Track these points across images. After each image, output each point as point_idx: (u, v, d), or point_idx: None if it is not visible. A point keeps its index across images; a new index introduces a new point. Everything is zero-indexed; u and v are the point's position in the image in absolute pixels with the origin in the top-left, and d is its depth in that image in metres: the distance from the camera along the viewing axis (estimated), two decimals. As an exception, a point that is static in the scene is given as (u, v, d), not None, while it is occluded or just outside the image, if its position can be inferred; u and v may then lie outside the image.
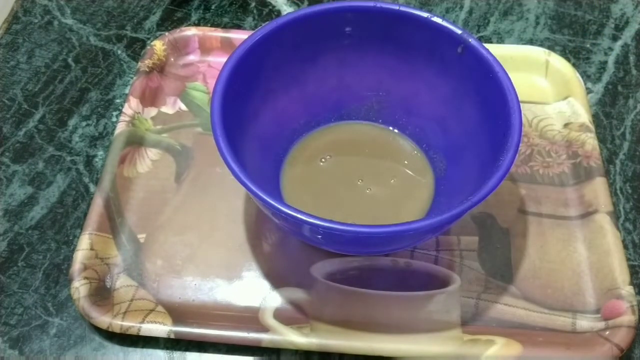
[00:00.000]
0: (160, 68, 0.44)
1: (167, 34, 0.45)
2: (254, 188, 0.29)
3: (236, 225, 0.37)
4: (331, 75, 0.38)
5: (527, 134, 0.42)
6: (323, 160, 0.39)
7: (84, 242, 0.35)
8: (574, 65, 0.45)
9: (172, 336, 0.33)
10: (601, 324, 0.34)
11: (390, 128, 0.40)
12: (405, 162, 0.39)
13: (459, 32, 0.34)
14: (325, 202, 0.37)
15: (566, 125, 0.42)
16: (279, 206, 0.28)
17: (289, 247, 0.37)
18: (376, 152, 0.40)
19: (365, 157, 0.40)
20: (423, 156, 0.39)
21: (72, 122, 0.43)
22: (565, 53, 0.47)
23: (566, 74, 0.44)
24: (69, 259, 0.36)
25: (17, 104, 0.44)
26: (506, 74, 0.32)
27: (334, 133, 0.40)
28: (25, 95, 0.44)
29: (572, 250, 0.37)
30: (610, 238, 0.36)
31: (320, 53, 0.37)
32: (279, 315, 0.34)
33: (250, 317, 0.34)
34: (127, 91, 0.44)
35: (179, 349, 0.34)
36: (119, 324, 0.33)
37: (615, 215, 0.37)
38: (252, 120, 0.35)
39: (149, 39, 0.48)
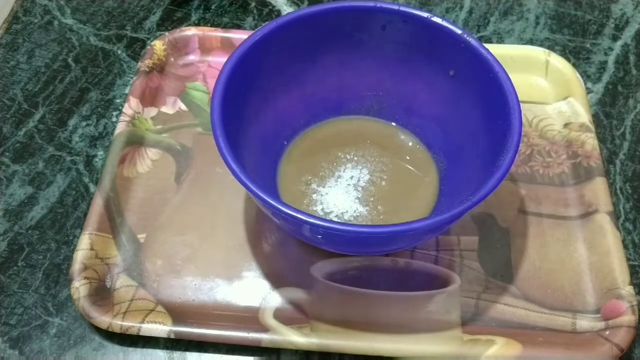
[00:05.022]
0: (160, 68, 0.44)
1: (167, 34, 0.45)
2: (253, 188, 0.29)
3: (236, 225, 0.37)
4: (331, 75, 0.38)
5: (527, 134, 0.42)
6: (322, 155, 0.39)
7: (84, 242, 0.35)
8: (574, 65, 0.45)
9: (172, 336, 0.33)
10: (601, 324, 0.34)
11: (392, 124, 0.40)
12: (407, 158, 0.39)
13: (459, 32, 0.34)
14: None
15: (566, 125, 0.42)
16: (279, 206, 0.28)
17: (289, 247, 0.37)
18: (378, 146, 0.39)
19: (367, 152, 0.39)
20: (426, 154, 0.39)
21: (72, 122, 0.43)
22: (565, 53, 0.47)
23: (566, 74, 0.44)
24: (69, 259, 0.36)
25: (17, 104, 0.44)
26: (506, 74, 0.32)
27: (334, 127, 0.40)
28: (25, 95, 0.44)
29: (572, 250, 0.37)
30: (610, 238, 0.36)
31: (320, 53, 0.37)
32: (279, 315, 0.34)
33: (250, 317, 0.34)
34: (127, 91, 0.44)
35: (179, 349, 0.34)
36: (119, 324, 0.33)
37: (615, 215, 0.37)
38: (252, 120, 0.35)
39: (149, 39, 0.48)
